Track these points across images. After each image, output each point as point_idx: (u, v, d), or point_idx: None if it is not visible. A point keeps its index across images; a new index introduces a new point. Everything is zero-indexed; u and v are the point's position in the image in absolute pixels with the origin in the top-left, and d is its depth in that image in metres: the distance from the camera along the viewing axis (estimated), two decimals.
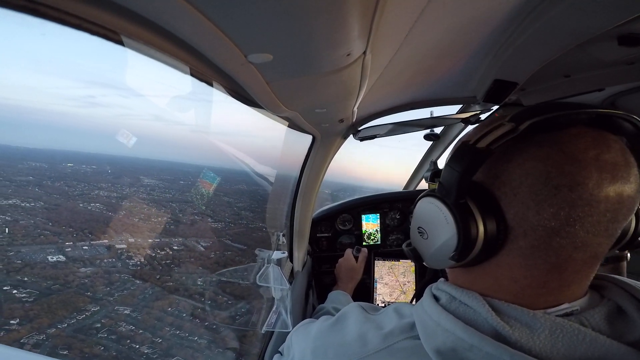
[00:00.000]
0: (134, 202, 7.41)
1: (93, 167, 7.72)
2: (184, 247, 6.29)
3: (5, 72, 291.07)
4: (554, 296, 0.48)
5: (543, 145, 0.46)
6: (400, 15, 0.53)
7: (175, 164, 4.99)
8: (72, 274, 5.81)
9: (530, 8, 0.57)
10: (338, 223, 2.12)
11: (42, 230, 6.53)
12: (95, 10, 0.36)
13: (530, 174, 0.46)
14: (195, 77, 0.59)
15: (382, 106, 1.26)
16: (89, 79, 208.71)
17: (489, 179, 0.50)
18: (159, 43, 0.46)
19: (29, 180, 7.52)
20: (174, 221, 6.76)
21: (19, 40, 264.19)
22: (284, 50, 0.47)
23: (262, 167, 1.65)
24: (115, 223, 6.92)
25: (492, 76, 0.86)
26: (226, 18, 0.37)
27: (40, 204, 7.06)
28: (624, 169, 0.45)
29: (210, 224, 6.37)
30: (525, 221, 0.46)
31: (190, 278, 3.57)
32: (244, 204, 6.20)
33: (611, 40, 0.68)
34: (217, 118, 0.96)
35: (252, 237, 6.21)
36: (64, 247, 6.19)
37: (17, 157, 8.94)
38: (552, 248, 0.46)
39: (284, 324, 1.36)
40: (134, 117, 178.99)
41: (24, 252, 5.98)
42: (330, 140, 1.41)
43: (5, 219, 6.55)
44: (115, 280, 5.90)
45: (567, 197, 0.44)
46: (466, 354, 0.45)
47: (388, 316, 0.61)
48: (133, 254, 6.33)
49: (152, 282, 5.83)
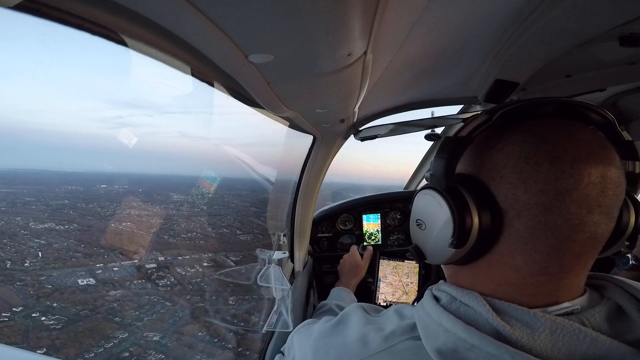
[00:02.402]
0: (164, 219, 7.24)
1: (125, 187, 7.70)
2: (214, 263, 6.01)
3: (40, 96, 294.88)
4: (553, 285, 0.48)
5: (518, 131, 0.50)
6: (401, 15, 0.53)
7: (206, 177, 4.97)
8: (100, 298, 5.57)
9: (532, 8, 0.57)
10: (339, 223, 2.12)
11: (74, 252, 6.39)
12: (97, 10, 0.36)
13: (510, 155, 0.48)
14: (196, 77, 0.59)
15: (383, 106, 1.26)
16: (115, 99, 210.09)
17: (476, 168, 0.52)
18: (160, 43, 0.46)
19: (64, 203, 7.44)
20: (204, 236, 6.51)
21: (48, 68, 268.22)
22: (284, 51, 0.47)
23: (277, 172, 1.66)
24: (146, 242, 6.76)
25: (494, 76, 0.86)
26: (227, 18, 0.37)
27: (74, 225, 6.95)
28: (600, 148, 0.47)
29: (239, 237, 6.11)
30: (516, 201, 0.48)
31: (221, 297, 3.29)
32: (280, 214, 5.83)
33: (612, 40, 0.68)
34: (235, 127, 0.97)
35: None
36: (94, 270, 6.00)
37: (55, 181, 8.94)
38: (548, 227, 0.46)
39: (284, 324, 1.36)
40: (162, 134, 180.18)
41: (55, 276, 5.82)
42: (331, 140, 1.41)
43: (39, 243, 6.42)
44: (145, 303, 5.61)
45: (548, 171, 0.45)
46: (467, 354, 0.45)
47: (389, 317, 0.61)
48: (163, 274, 6.06)
49: (183, 304, 5.53)
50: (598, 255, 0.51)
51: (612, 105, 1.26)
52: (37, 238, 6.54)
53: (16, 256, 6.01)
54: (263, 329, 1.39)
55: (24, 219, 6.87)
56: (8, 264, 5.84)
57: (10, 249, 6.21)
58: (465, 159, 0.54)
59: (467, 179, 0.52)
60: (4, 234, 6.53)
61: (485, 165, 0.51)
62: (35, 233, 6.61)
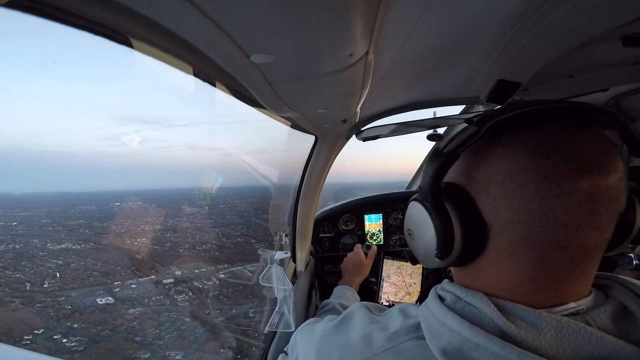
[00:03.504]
0: (178, 232, 7.24)
1: (138, 203, 7.70)
2: (231, 275, 5.67)
3: (49, 117, 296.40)
4: (553, 292, 0.48)
5: (507, 144, 0.48)
6: (402, 15, 0.53)
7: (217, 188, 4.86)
8: (120, 317, 5.46)
9: (534, 8, 0.57)
10: (341, 223, 2.12)
11: (92, 271, 6.38)
12: (98, 10, 0.36)
13: (497, 172, 0.48)
14: (198, 77, 0.59)
15: (385, 106, 1.26)
16: (118, 116, 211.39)
17: (465, 180, 0.52)
18: (162, 43, 0.46)
19: (80, 223, 7.49)
20: (219, 247, 6.42)
21: (52, 86, 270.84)
22: (286, 51, 0.47)
23: (281, 174, 1.66)
24: (161, 256, 6.70)
25: (496, 76, 0.86)
26: (229, 19, 0.37)
27: (90, 244, 6.96)
28: (596, 158, 0.45)
29: (254, 245, 5.94)
30: (500, 218, 0.48)
31: (242, 309, 3.15)
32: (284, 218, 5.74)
33: (615, 40, 0.68)
34: (241, 135, 0.97)
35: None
36: (112, 288, 5.90)
37: (70, 202, 8.99)
38: (532, 243, 0.46)
39: (286, 324, 1.36)
40: (169, 149, 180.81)
41: (74, 297, 5.77)
42: (332, 141, 1.41)
43: (57, 263, 6.40)
44: (165, 321, 5.46)
45: (534, 191, 0.45)
46: (472, 353, 0.45)
47: (393, 317, 0.61)
48: (181, 288, 5.96)
49: (202, 320, 5.35)
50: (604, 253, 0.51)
51: (615, 106, 1.26)
52: (54, 259, 6.54)
53: (35, 278, 6.00)
54: (265, 328, 1.39)
55: (41, 241, 6.91)
56: (28, 286, 5.84)
57: (29, 271, 6.22)
58: (457, 167, 0.54)
59: (456, 190, 0.53)
60: (23, 256, 6.57)
61: (473, 178, 0.51)
62: (53, 254, 6.62)
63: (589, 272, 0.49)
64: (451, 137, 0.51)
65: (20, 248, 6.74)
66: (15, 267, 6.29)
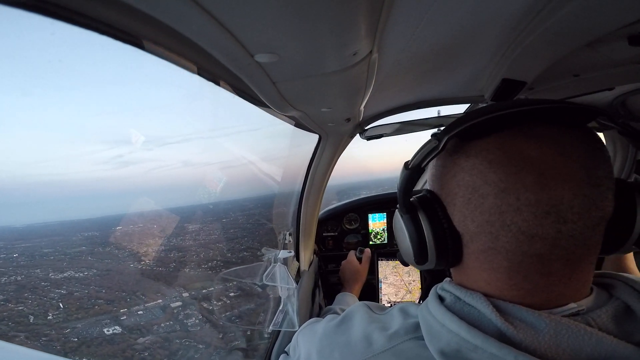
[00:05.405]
0: (182, 251, 7.02)
1: (140, 225, 7.69)
2: (241, 292, 5.27)
3: (43, 144, 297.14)
4: (544, 295, 0.47)
5: (470, 155, 0.48)
6: (406, 14, 0.53)
7: (215, 203, 4.61)
8: (129, 349, 5.15)
9: (540, 7, 0.56)
10: (344, 222, 2.12)
11: (96, 299, 6.19)
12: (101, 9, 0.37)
13: (461, 184, 0.49)
14: (202, 76, 0.59)
15: (389, 105, 1.26)
16: (112, 138, 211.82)
17: (438, 190, 0.54)
18: (166, 42, 0.46)
19: (81, 250, 7.40)
20: (225, 263, 6.27)
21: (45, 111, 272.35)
22: (290, 50, 0.47)
23: (283, 175, 1.66)
24: (167, 278, 6.55)
25: (501, 75, 0.85)
26: (233, 18, 0.37)
27: (93, 271, 6.84)
28: (564, 165, 0.43)
29: (260, 258, 5.70)
30: (467, 228, 0.49)
31: (257, 332, 3.01)
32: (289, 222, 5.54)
33: (621, 39, 0.67)
34: (237, 148, 0.97)
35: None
36: (118, 316, 5.61)
37: (71, 230, 8.92)
38: (499, 252, 0.47)
39: (290, 323, 1.36)
40: (165, 167, 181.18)
41: (80, 328, 5.50)
42: (336, 140, 1.41)
43: (60, 293, 6.22)
44: (176, 349, 5.11)
45: (493, 204, 0.45)
46: (471, 355, 0.44)
47: (393, 316, 0.61)
48: (190, 311, 5.65)
49: (216, 345, 4.85)
50: (605, 255, 0.51)
51: (621, 104, 1.24)
52: (57, 288, 6.40)
53: (38, 309, 5.84)
54: (269, 328, 1.40)
55: (43, 271, 6.76)
56: (31, 319, 5.66)
57: (32, 303, 6.07)
58: (432, 176, 0.56)
59: (431, 199, 0.54)
60: (25, 288, 6.45)
61: (443, 188, 0.53)
62: (56, 283, 6.49)
63: (579, 277, 0.48)
64: (417, 151, 0.52)
65: (22, 279, 6.64)
66: (18, 299, 6.16)
